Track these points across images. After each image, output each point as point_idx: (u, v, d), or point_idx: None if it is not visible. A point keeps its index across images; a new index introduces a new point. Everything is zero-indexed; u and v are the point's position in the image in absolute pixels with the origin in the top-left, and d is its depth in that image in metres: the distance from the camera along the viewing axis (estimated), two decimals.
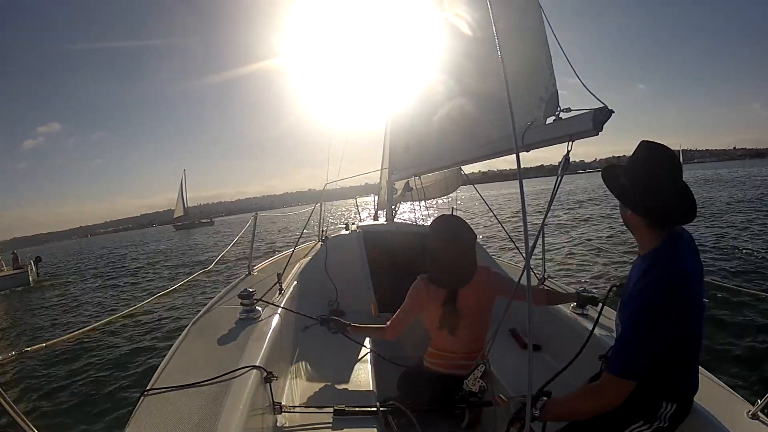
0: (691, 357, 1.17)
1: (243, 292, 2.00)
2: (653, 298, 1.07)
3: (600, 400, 1.13)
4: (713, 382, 1.48)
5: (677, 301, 1.06)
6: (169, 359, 1.57)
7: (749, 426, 1.26)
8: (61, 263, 27.23)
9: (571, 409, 1.19)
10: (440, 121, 2.82)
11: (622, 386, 1.08)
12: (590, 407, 1.16)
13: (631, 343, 1.09)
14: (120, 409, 3.89)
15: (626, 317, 1.14)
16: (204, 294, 7.99)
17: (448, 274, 1.73)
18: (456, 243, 1.75)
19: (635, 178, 1.16)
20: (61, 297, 12.02)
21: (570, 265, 7.99)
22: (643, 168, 1.16)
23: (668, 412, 1.15)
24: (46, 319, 8.87)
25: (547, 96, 1.68)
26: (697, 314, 1.13)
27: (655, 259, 1.13)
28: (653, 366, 1.08)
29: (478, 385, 1.45)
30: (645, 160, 1.16)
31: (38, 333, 7.63)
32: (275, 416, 1.54)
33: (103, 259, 25.99)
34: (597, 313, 2.18)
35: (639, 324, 1.08)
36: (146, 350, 5.43)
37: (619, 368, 1.09)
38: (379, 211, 4.56)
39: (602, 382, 1.14)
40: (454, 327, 1.70)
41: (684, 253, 1.14)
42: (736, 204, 15.16)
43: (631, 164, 1.19)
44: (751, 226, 10.22)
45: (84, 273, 18.60)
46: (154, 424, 1.15)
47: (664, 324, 1.06)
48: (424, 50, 3.11)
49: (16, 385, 4.64)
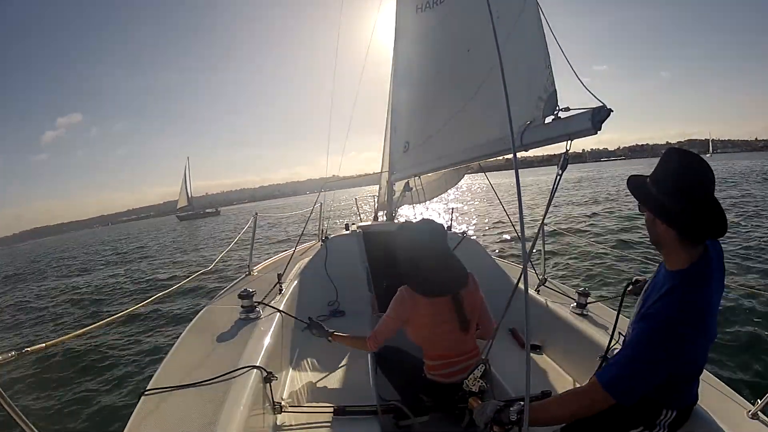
0: (695, 373, 1.16)
1: (243, 292, 2.00)
2: (668, 328, 1.03)
3: (580, 401, 1.11)
4: (713, 382, 1.48)
5: (691, 335, 1.03)
6: (168, 359, 1.57)
7: (749, 426, 1.26)
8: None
9: (551, 411, 1.15)
10: (440, 120, 2.82)
11: (602, 396, 1.07)
12: (569, 409, 1.13)
13: (629, 363, 1.07)
14: (120, 409, 3.89)
15: (635, 334, 1.10)
16: (204, 294, 7.99)
17: (447, 279, 1.69)
18: (444, 245, 1.73)
19: (667, 186, 1.08)
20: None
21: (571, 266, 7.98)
22: (675, 175, 1.08)
23: (668, 420, 1.15)
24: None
25: (546, 96, 1.69)
26: (708, 343, 1.11)
27: (680, 283, 1.07)
28: (640, 389, 1.06)
29: (477, 385, 1.45)
30: (676, 167, 1.09)
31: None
32: (275, 416, 1.54)
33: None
34: (596, 313, 2.19)
35: (644, 348, 1.05)
36: (146, 350, 5.42)
37: (607, 381, 1.07)
38: (379, 211, 4.56)
39: (588, 386, 1.12)
40: (467, 328, 1.69)
41: (711, 281, 1.08)
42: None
43: (661, 173, 1.11)
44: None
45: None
46: (153, 424, 1.15)
47: (669, 354, 1.03)
48: (423, 50, 3.11)
49: (16, 385, 4.63)
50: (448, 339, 1.71)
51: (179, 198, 65.45)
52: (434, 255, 1.70)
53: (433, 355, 1.76)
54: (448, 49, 2.75)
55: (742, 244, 7.66)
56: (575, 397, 1.15)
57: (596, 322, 2.05)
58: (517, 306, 1.43)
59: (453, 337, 1.70)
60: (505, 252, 8.86)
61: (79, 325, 7.66)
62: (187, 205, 63.31)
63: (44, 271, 18.80)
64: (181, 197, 64.70)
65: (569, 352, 2.07)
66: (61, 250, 33.12)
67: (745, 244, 7.65)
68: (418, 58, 3.18)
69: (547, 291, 2.54)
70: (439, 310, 1.67)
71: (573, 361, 2.02)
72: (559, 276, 6.74)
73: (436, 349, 1.75)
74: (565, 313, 2.19)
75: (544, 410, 1.14)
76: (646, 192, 1.13)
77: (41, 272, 18.25)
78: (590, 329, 1.96)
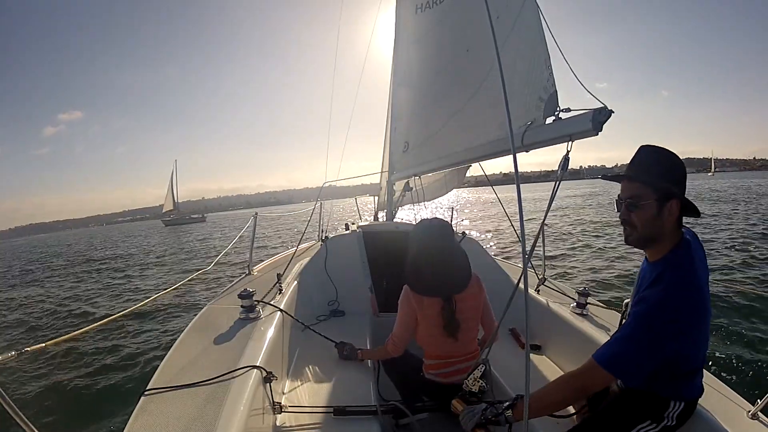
0: (700, 361, 1.17)
1: (243, 292, 2.00)
2: (664, 306, 1.05)
3: (575, 382, 1.13)
4: (713, 382, 1.48)
5: (686, 311, 1.05)
6: (168, 359, 1.57)
7: (749, 426, 1.26)
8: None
9: (545, 398, 1.16)
10: (440, 121, 2.82)
11: (601, 375, 1.08)
12: (563, 393, 1.15)
13: (625, 340, 1.09)
14: (120, 409, 3.89)
15: (631, 317, 1.12)
16: (204, 294, 7.99)
17: (440, 282, 1.69)
18: (446, 246, 1.73)
19: (664, 166, 1.14)
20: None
21: (571, 266, 7.99)
22: (665, 157, 1.15)
23: (676, 411, 1.15)
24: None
25: (546, 96, 1.69)
26: (705, 321, 1.12)
27: (668, 267, 1.11)
28: (639, 370, 1.07)
29: (478, 385, 1.45)
30: (660, 153, 1.15)
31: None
32: (275, 416, 1.54)
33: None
34: (596, 313, 2.19)
35: (641, 327, 1.07)
36: (146, 350, 5.42)
37: (604, 358, 1.08)
38: (379, 211, 4.56)
39: (582, 366, 1.13)
40: (454, 332, 1.69)
41: (695, 261, 1.12)
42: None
43: (647, 163, 1.16)
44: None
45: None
46: (153, 424, 1.15)
47: (669, 335, 1.04)
48: (423, 50, 3.11)
49: (16, 385, 4.63)
50: (441, 340, 1.72)
51: (165, 202, 63.22)
52: (435, 254, 1.71)
53: (430, 354, 1.78)
54: (447, 49, 2.75)
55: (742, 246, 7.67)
56: (571, 380, 1.16)
57: (596, 322, 2.05)
58: (517, 306, 1.43)
59: (443, 339, 1.71)
60: (506, 252, 8.86)
61: (78, 325, 7.66)
62: (173, 210, 60.82)
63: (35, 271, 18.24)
64: (167, 201, 62.34)
65: (569, 352, 2.07)
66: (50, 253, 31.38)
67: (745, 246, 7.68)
68: (418, 58, 3.19)
69: (547, 291, 2.55)
70: (429, 311, 1.69)
71: (573, 361, 2.02)
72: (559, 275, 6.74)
73: (433, 349, 1.77)
74: (565, 313, 2.19)
75: (537, 400, 1.15)
76: (651, 181, 1.13)
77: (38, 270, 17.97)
78: (590, 329, 1.96)
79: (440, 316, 1.68)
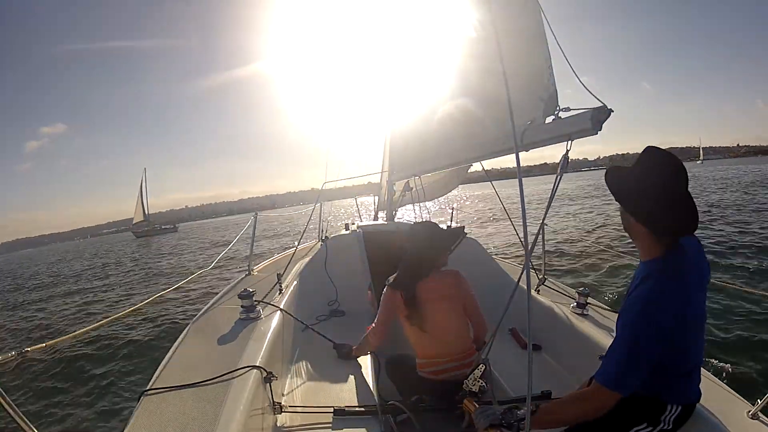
0: (694, 365, 1.17)
1: (243, 292, 2.00)
2: (643, 314, 1.06)
3: (585, 406, 1.13)
4: (713, 382, 1.48)
5: (667, 317, 1.05)
6: (168, 359, 1.57)
7: (749, 426, 1.26)
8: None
9: (557, 414, 1.17)
10: (440, 120, 2.81)
11: (609, 396, 1.08)
12: (575, 413, 1.15)
13: (618, 355, 1.09)
14: (120, 409, 3.89)
15: (618, 328, 1.14)
16: (204, 294, 7.99)
17: (409, 274, 1.82)
18: (427, 244, 1.84)
19: (641, 184, 1.12)
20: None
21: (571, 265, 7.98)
22: (649, 175, 1.11)
23: (673, 415, 1.15)
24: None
25: (546, 95, 1.68)
26: (697, 324, 1.12)
27: (653, 270, 1.12)
28: (639, 379, 1.07)
29: (478, 385, 1.45)
30: (652, 166, 1.11)
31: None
32: (275, 416, 1.54)
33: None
34: (596, 313, 2.19)
35: (628, 338, 1.08)
36: (146, 350, 5.41)
37: (605, 379, 1.09)
38: (379, 211, 4.56)
39: (590, 390, 1.14)
40: (420, 322, 1.74)
41: (683, 265, 1.11)
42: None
43: (637, 170, 1.14)
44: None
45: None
46: (154, 424, 1.15)
47: (653, 339, 1.05)
48: (424, 50, 3.10)
49: (16, 385, 4.63)
50: (423, 338, 1.77)
51: (135, 213, 58.60)
52: (420, 252, 1.83)
53: (420, 353, 1.82)
54: (448, 49, 2.74)
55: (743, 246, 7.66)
56: (581, 403, 1.16)
57: (596, 322, 2.05)
58: (517, 306, 1.43)
59: (421, 334, 1.77)
60: (507, 254, 8.86)
61: (77, 325, 7.65)
62: (143, 221, 56.69)
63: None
64: (137, 212, 58.00)
65: (569, 352, 2.07)
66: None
67: (745, 246, 7.66)
68: (418, 58, 3.18)
69: (547, 291, 2.55)
70: (399, 303, 1.79)
71: (573, 361, 2.02)
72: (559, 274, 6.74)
73: (420, 348, 1.81)
74: (565, 312, 2.19)
75: (549, 413, 1.15)
76: (620, 186, 1.17)
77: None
78: (590, 329, 1.96)
79: (403, 307, 1.77)
